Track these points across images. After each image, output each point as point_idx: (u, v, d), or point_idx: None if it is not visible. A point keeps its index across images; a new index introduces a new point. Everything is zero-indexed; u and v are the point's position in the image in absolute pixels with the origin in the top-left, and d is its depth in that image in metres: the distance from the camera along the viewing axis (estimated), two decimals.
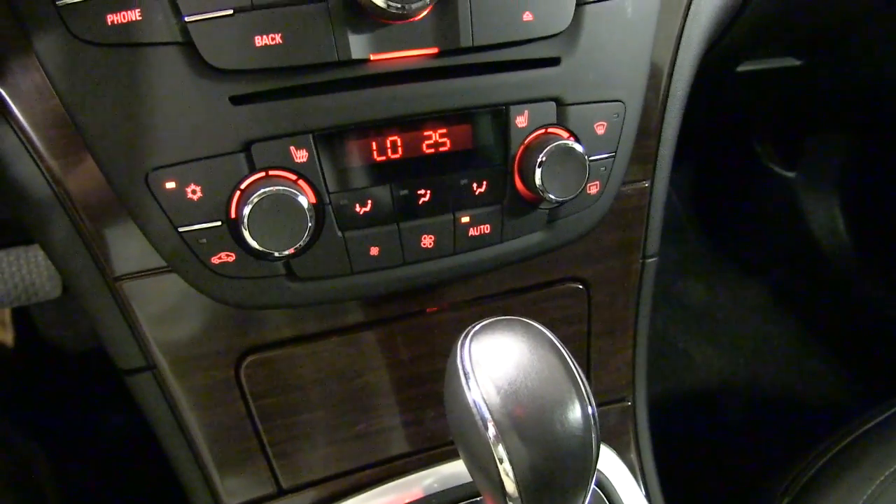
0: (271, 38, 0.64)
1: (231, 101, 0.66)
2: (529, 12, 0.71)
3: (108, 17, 0.62)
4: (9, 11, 0.65)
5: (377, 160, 0.71)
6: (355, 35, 0.66)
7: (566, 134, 0.77)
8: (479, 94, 0.72)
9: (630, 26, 0.79)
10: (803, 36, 1.33)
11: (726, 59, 1.21)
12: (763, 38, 1.22)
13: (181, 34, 0.63)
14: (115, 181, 0.68)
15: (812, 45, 1.39)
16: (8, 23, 0.66)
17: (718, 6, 0.95)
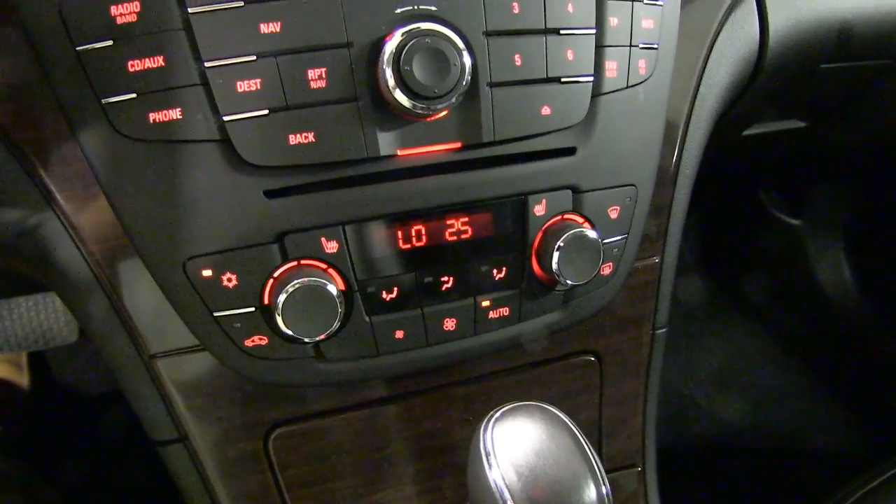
0: (304, 136, 0.68)
1: (265, 195, 0.70)
2: (548, 106, 0.75)
3: (150, 115, 0.67)
4: (56, 105, 0.70)
5: (403, 248, 0.76)
6: (383, 132, 0.70)
7: (581, 219, 0.81)
8: (500, 185, 0.77)
9: (641, 114, 0.83)
10: (809, 101, 1.37)
11: (732, 128, 1.25)
12: (768, 109, 1.26)
13: (219, 132, 0.68)
14: (154, 267, 0.72)
15: (818, 108, 1.43)
16: (55, 116, 0.71)
17: (725, 87, 0.99)
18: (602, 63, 0.78)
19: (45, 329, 2.10)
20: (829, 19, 1.07)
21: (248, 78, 0.66)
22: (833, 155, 1.88)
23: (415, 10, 0.68)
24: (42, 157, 0.73)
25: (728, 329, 2.48)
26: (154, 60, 0.65)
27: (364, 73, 0.68)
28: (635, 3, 0.80)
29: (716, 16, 0.93)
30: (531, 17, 0.73)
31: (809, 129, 1.49)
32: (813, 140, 1.59)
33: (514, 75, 0.73)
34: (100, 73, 0.66)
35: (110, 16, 0.64)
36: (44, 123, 0.71)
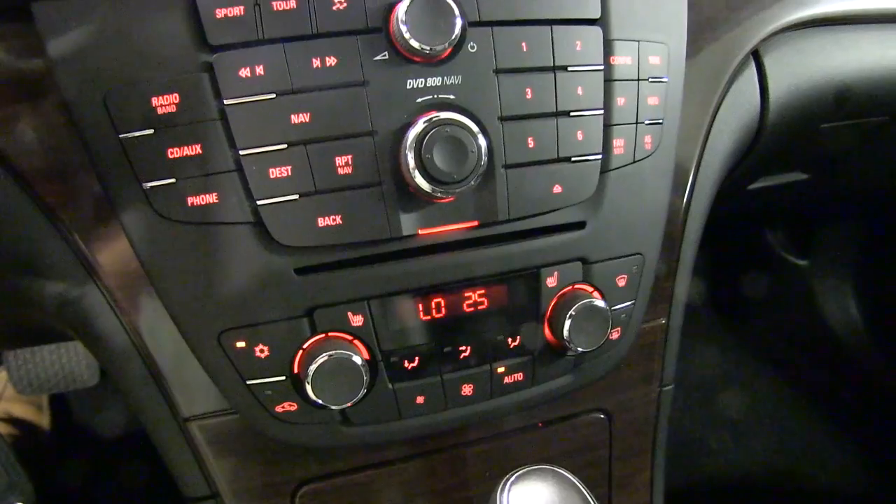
0: (332, 219, 0.73)
1: (296, 272, 0.75)
2: (559, 185, 0.80)
3: (188, 199, 0.72)
4: (99, 187, 0.75)
5: (423, 319, 0.81)
6: (405, 214, 0.76)
7: (591, 289, 0.86)
8: (514, 259, 0.82)
9: (647, 186, 0.88)
10: (812, 157, 1.42)
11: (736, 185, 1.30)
12: (771, 165, 1.31)
13: (253, 215, 0.73)
14: (191, 338, 0.77)
15: (819, 161, 1.47)
16: (98, 196, 0.76)
17: (728, 153, 1.04)
18: (610, 141, 0.83)
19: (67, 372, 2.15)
20: (828, 83, 1.11)
21: (279, 165, 0.71)
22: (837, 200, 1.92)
23: (434, 99, 0.74)
24: (86, 234, 0.78)
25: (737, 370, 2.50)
26: (192, 148, 0.70)
27: (387, 159, 0.73)
28: (641, 82, 0.85)
29: (718, 86, 0.97)
30: (543, 101, 0.78)
31: (812, 180, 1.53)
32: (816, 189, 1.63)
33: (528, 157, 0.78)
34: (141, 160, 0.71)
35: (151, 106, 0.70)
36: (87, 203, 0.76)
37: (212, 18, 0.69)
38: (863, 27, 1.14)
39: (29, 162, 0.75)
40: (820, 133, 1.26)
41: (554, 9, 0.79)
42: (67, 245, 0.78)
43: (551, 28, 0.78)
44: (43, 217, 0.77)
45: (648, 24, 0.86)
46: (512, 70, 0.77)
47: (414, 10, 0.70)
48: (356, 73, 0.72)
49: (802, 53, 1.09)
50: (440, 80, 0.73)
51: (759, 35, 1.00)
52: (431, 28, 0.70)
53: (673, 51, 0.88)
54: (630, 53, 0.84)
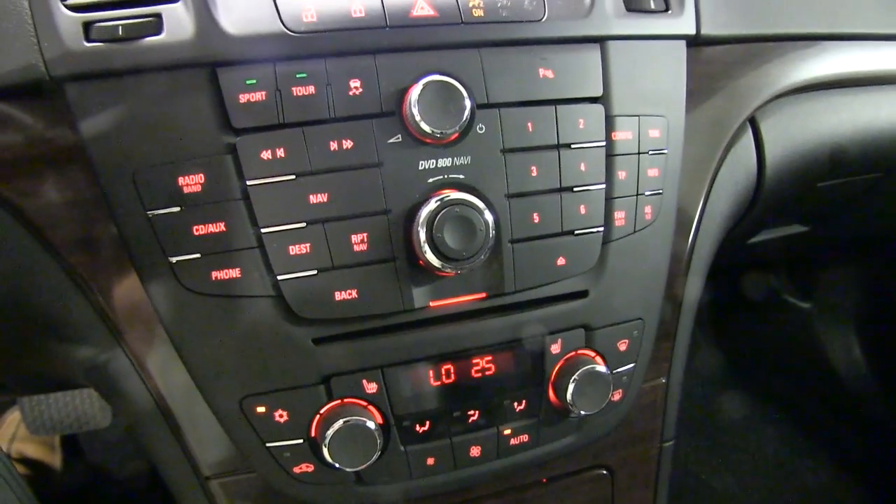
0: (349, 293, 0.78)
1: (313, 342, 0.80)
2: (563, 257, 0.85)
3: (212, 273, 0.77)
4: (127, 258, 0.79)
5: (434, 385, 0.85)
6: (417, 287, 0.80)
7: (593, 354, 0.90)
8: (520, 328, 0.86)
9: (648, 254, 0.93)
10: (810, 211, 1.46)
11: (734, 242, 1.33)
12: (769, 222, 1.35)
13: (273, 289, 0.78)
14: (213, 403, 0.81)
15: (816, 215, 1.51)
16: (126, 267, 0.80)
17: (726, 217, 1.08)
18: (612, 213, 0.88)
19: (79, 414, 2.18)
20: (823, 145, 1.15)
21: (299, 242, 0.76)
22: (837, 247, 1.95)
23: (445, 179, 0.78)
24: (114, 303, 0.82)
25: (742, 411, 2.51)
26: (216, 226, 0.75)
27: (400, 237, 0.78)
28: (641, 156, 0.89)
29: (716, 153, 1.01)
30: (548, 178, 0.83)
31: (811, 232, 1.57)
32: (815, 239, 1.67)
33: (533, 231, 0.83)
34: (168, 235, 0.76)
35: (178, 185, 0.74)
36: (116, 273, 0.81)
37: (235, 103, 0.74)
38: (855, 90, 1.18)
39: (60, 233, 0.79)
40: (816, 190, 1.30)
41: (558, 89, 0.83)
42: (96, 312, 0.82)
43: (555, 108, 0.83)
44: (72, 285, 0.81)
45: (648, 99, 0.91)
46: (518, 149, 0.81)
47: (426, 96, 0.74)
48: (371, 155, 0.76)
49: (797, 118, 1.12)
50: (450, 161, 0.78)
51: (755, 103, 1.04)
52: (442, 112, 0.75)
53: (672, 123, 0.92)
54: (631, 128, 0.88)
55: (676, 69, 0.94)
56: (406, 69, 0.77)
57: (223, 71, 0.73)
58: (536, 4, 0.82)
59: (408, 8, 0.77)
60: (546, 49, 0.83)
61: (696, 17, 0.95)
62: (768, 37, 1.05)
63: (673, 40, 0.93)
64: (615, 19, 0.87)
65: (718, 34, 0.98)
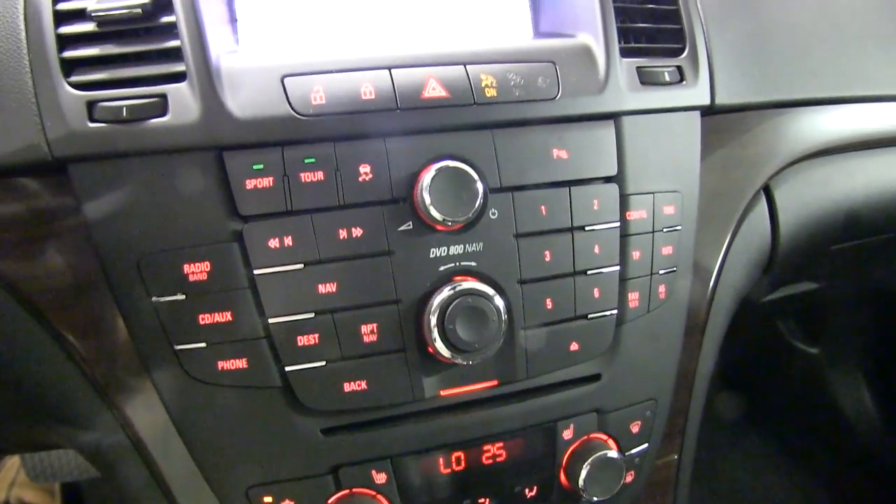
0: (358, 384, 0.76)
1: (322, 432, 0.78)
2: (576, 342, 0.83)
3: (219, 363, 0.75)
4: (131, 347, 0.77)
5: (444, 473, 0.83)
6: (427, 377, 0.78)
7: (605, 437, 0.88)
8: (531, 415, 0.84)
9: (661, 333, 0.91)
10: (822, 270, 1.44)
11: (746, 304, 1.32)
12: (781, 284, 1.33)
13: (281, 380, 0.76)
14: (220, 492, 0.80)
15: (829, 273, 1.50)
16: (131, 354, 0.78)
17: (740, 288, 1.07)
18: (625, 295, 0.86)
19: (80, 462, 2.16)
20: (837, 209, 1.14)
21: (307, 333, 0.74)
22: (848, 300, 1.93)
23: (457, 266, 0.76)
24: (117, 388, 0.80)
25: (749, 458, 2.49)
26: (222, 315, 0.73)
27: (411, 327, 0.76)
28: (656, 234, 0.88)
29: (730, 225, 1.00)
30: (561, 262, 0.81)
31: (823, 289, 1.55)
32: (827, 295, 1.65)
33: (546, 318, 0.81)
34: (173, 323, 0.74)
35: (183, 273, 0.73)
36: (120, 359, 0.79)
37: (242, 189, 0.72)
38: (868, 152, 1.17)
39: (61, 315, 0.78)
40: (830, 253, 1.28)
41: (572, 170, 0.82)
42: (100, 397, 0.80)
43: (569, 189, 0.81)
44: (75, 368, 0.79)
45: (663, 174, 0.89)
46: (531, 234, 0.80)
47: (437, 182, 0.73)
48: (381, 244, 0.75)
49: (811, 183, 1.11)
50: (462, 248, 0.76)
51: (770, 171, 1.03)
52: (454, 200, 0.73)
53: (686, 197, 0.91)
54: (645, 207, 0.87)
55: (691, 141, 0.93)
56: (417, 153, 0.75)
57: (230, 155, 0.72)
58: (550, 82, 0.80)
59: (419, 89, 0.76)
60: (560, 128, 0.81)
61: (711, 87, 0.94)
62: (782, 103, 1.05)
63: (687, 111, 0.91)
64: (630, 94, 0.86)
65: (733, 103, 0.98)
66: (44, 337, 0.77)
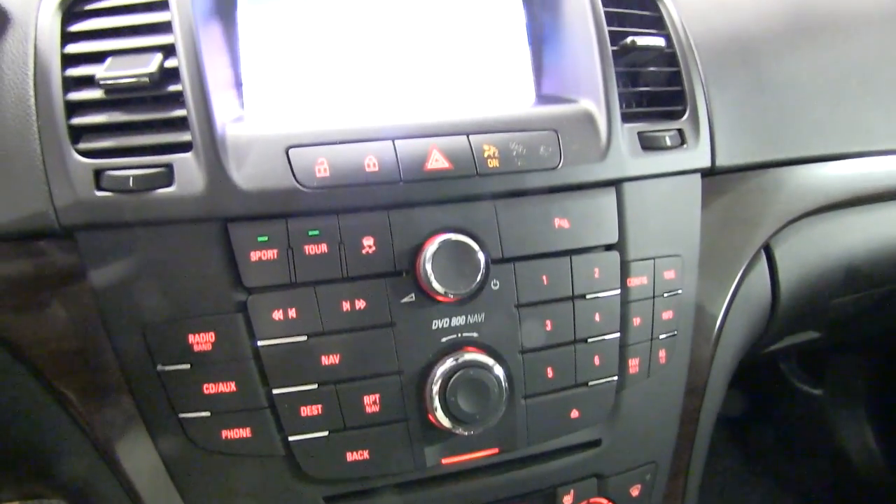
0: (360, 453, 0.77)
1: (325, 501, 0.79)
2: (576, 409, 0.83)
3: (223, 432, 0.75)
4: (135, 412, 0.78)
5: None
6: (429, 447, 0.79)
7: (606, 502, 0.88)
8: (532, 481, 0.85)
9: (661, 397, 0.92)
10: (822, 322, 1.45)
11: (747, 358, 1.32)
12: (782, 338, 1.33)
13: (284, 449, 0.77)
14: None
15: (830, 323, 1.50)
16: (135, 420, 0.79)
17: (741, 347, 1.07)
18: (626, 361, 0.87)
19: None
20: (837, 265, 1.14)
21: (310, 403, 0.75)
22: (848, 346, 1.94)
23: (459, 338, 0.77)
24: (120, 452, 0.80)
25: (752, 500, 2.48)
26: (227, 385, 0.74)
27: (413, 398, 0.77)
28: (656, 299, 0.88)
29: (730, 285, 1.00)
30: (562, 331, 0.82)
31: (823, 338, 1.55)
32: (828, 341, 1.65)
33: (547, 386, 0.81)
34: (177, 392, 0.75)
35: (188, 343, 0.74)
36: (124, 425, 0.79)
37: (247, 261, 0.73)
38: (867, 207, 1.17)
39: (67, 381, 0.78)
40: (830, 306, 1.28)
41: (574, 239, 0.83)
42: (102, 460, 0.80)
43: (570, 258, 0.81)
44: (80, 433, 0.80)
45: (663, 239, 0.90)
46: (533, 304, 0.80)
47: (440, 255, 0.74)
48: (384, 316, 0.76)
49: (811, 241, 1.12)
50: (464, 320, 0.77)
51: (770, 230, 1.03)
52: (457, 273, 0.74)
53: (686, 260, 0.92)
54: (646, 273, 0.88)
55: (691, 203, 0.94)
56: (420, 225, 0.76)
57: (234, 227, 0.73)
58: (552, 151, 0.81)
59: (422, 160, 0.77)
60: (561, 197, 0.82)
61: (711, 149, 0.95)
62: (782, 161, 1.05)
63: (688, 174, 0.91)
64: (631, 160, 0.86)
65: (733, 164, 0.99)
66: (47, 400, 0.78)
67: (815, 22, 1.18)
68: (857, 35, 1.21)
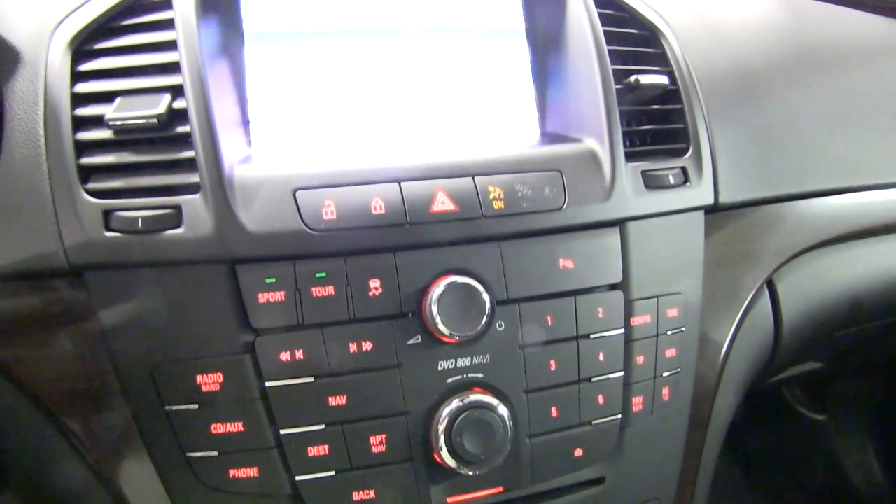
0: (366, 493, 0.77)
1: None
2: (580, 448, 0.84)
3: (230, 471, 0.76)
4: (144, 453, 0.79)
5: None
6: (435, 485, 0.80)
7: None
8: None
9: (664, 433, 0.93)
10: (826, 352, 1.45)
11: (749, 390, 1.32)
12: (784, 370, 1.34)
13: (291, 488, 0.77)
14: None
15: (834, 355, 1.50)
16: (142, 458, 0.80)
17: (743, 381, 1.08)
18: (629, 399, 0.87)
19: None
20: (840, 298, 1.15)
21: (317, 444, 0.76)
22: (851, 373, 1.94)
23: (464, 379, 0.78)
24: (128, 491, 0.81)
25: None
26: (235, 425, 0.75)
27: (419, 438, 0.77)
28: (660, 337, 0.89)
29: (733, 321, 1.01)
30: (567, 371, 0.83)
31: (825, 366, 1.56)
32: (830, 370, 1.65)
33: (551, 426, 0.82)
34: (186, 432, 0.76)
35: (196, 384, 0.74)
36: (132, 463, 0.80)
37: (255, 303, 0.74)
38: (869, 240, 1.18)
39: (76, 419, 0.79)
40: (833, 339, 1.29)
41: (578, 279, 0.84)
42: (110, 496, 0.81)
43: (574, 298, 0.82)
44: (88, 471, 0.81)
45: (667, 277, 0.91)
46: (537, 344, 0.81)
47: (446, 298, 0.75)
48: (391, 357, 0.77)
49: (814, 276, 1.12)
50: (469, 361, 0.78)
51: (773, 265, 1.04)
52: (462, 315, 0.75)
53: (689, 298, 0.92)
54: (650, 311, 0.88)
55: (694, 240, 0.95)
56: (426, 267, 0.77)
57: (243, 269, 0.74)
58: (556, 192, 0.82)
59: (428, 203, 0.78)
60: (566, 237, 0.83)
61: (714, 186, 0.96)
62: (784, 197, 1.06)
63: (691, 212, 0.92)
64: (635, 199, 0.87)
65: (736, 200, 1.00)
66: (55, 435, 0.79)
67: (817, 56, 1.19)
68: (859, 68, 1.22)
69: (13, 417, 0.79)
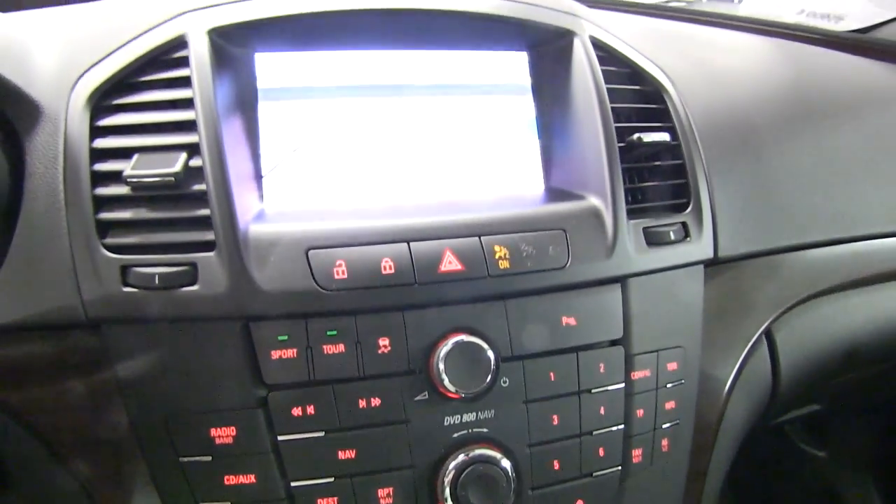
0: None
1: None
2: (580, 500, 0.87)
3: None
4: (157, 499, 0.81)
5: None
6: None
7: None
8: None
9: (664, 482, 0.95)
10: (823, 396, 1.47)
11: None
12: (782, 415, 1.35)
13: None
14: None
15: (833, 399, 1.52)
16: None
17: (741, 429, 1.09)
18: (629, 451, 0.90)
19: None
20: (838, 346, 1.16)
21: (327, 496, 0.78)
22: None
23: (469, 434, 0.80)
24: None
25: None
26: (247, 477, 0.77)
27: (425, 491, 0.80)
28: (660, 391, 0.91)
29: (731, 371, 1.03)
30: (569, 424, 0.85)
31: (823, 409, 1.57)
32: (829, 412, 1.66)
33: (553, 478, 0.85)
34: (199, 482, 0.78)
35: (210, 436, 0.77)
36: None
37: (268, 359, 0.76)
38: (868, 288, 1.19)
39: (89, 468, 0.81)
40: (831, 385, 1.30)
41: (581, 336, 0.86)
42: None
43: (577, 354, 0.85)
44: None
45: (667, 331, 0.93)
46: (540, 399, 0.84)
47: (452, 356, 0.78)
48: (399, 413, 0.79)
49: (812, 325, 1.14)
50: (475, 416, 0.80)
51: (771, 316, 1.06)
52: (468, 373, 0.78)
53: (689, 351, 0.95)
54: (650, 366, 0.91)
55: (694, 294, 0.97)
56: (433, 326, 0.80)
57: (256, 326, 0.77)
58: (560, 251, 0.84)
59: (436, 263, 0.80)
60: (569, 295, 0.85)
61: (714, 240, 0.98)
62: (783, 249, 1.08)
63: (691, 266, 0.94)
64: (637, 256, 0.90)
65: (735, 254, 1.02)
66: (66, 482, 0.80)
67: (817, 106, 1.22)
68: (858, 118, 1.24)
69: (26, 461, 0.82)
